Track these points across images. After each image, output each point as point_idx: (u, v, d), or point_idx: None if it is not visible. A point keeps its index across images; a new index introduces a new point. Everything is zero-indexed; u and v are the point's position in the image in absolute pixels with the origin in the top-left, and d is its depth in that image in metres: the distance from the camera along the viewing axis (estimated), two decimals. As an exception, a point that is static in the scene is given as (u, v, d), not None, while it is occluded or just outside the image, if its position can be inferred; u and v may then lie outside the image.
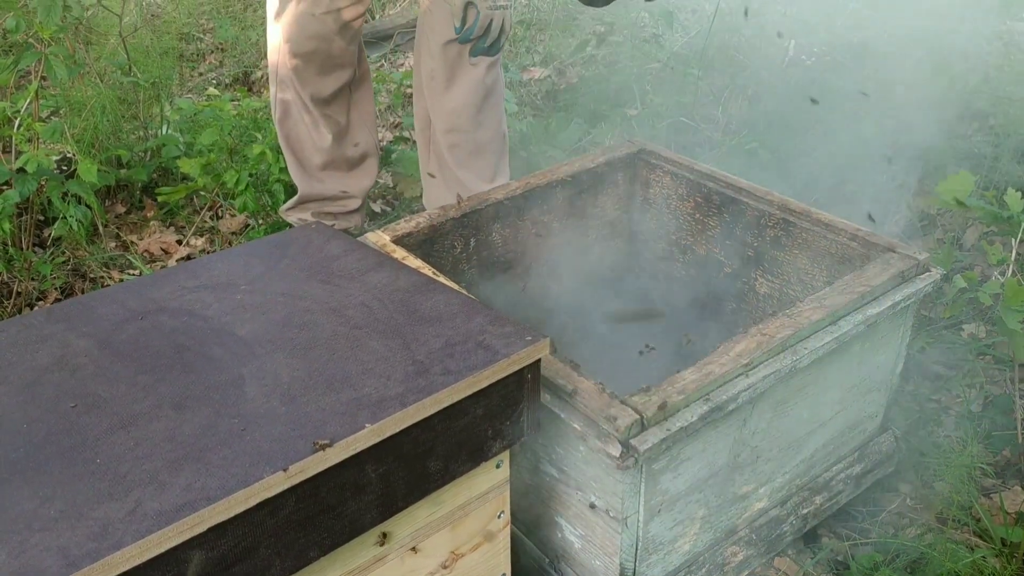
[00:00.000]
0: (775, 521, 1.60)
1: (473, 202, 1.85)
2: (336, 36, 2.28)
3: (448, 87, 2.29)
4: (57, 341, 1.21)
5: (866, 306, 1.52)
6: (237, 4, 4.55)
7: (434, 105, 2.34)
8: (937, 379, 2.09)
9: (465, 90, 2.29)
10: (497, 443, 1.22)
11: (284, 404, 1.07)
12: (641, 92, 3.24)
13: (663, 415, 1.27)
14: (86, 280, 2.57)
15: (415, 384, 1.10)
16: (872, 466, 1.76)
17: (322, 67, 2.33)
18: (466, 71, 2.28)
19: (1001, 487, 1.81)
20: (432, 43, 2.28)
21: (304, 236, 1.49)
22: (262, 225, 2.72)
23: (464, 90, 2.29)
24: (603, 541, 1.38)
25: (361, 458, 1.04)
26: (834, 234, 1.72)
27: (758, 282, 1.90)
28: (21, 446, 1.01)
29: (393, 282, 1.34)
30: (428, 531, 1.23)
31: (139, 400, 1.08)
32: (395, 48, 4.17)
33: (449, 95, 2.30)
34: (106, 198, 2.89)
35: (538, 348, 1.19)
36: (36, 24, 2.43)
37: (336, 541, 1.06)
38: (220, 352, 1.17)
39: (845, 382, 1.60)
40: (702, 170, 1.96)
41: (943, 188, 1.92)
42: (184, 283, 1.35)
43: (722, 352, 1.38)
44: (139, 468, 0.96)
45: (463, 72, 2.28)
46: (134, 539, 0.87)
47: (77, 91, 2.78)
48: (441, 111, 2.33)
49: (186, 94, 3.76)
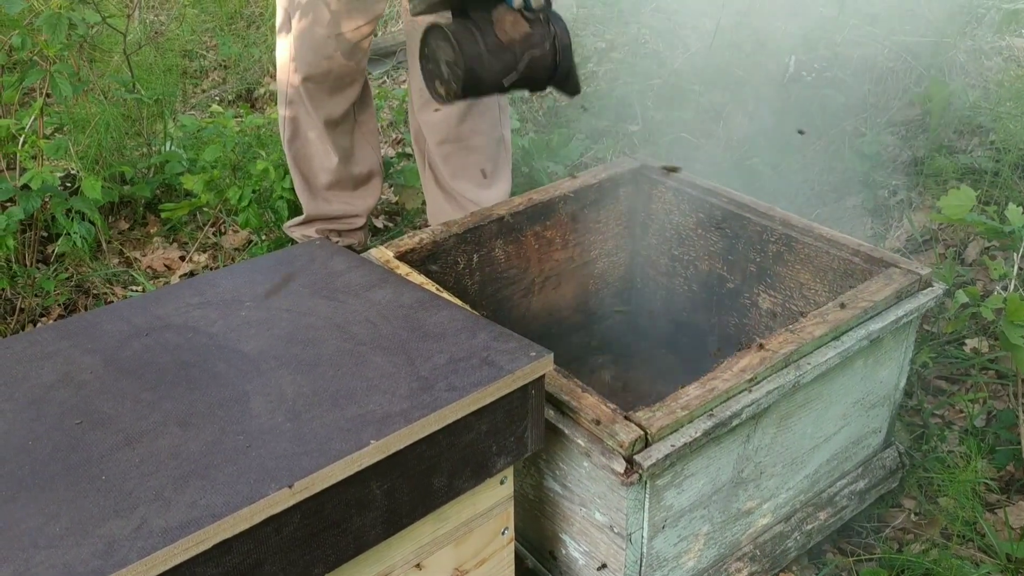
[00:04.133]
0: (779, 537, 1.60)
1: (476, 218, 1.86)
2: (348, 56, 2.28)
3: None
4: (62, 357, 1.22)
5: (869, 321, 1.52)
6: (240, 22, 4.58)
7: (424, 119, 2.36)
8: (940, 394, 2.09)
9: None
10: (501, 459, 1.22)
11: (289, 420, 1.07)
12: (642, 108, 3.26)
13: (667, 431, 1.27)
14: (89, 296, 2.57)
15: (420, 400, 1.10)
16: (876, 481, 1.75)
17: (333, 87, 2.34)
18: None
19: (1006, 502, 1.81)
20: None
21: (308, 252, 1.50)
22: (265, 241, 2.72)
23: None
24: (607, 557, 1.37)
25: (366, 474, 1.04)
26: (836, 249, 1.73)
27: (760, 297, 1.90)
28: (26, 463, 1.01)
29: (397, 298, 1.34)
30: (432, 548, 1.23)
31: (144, 417, 1.08)
32: (397, 65, 4.20)
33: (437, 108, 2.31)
34: (109, 214, 2.91)
35: (542, 364, 1.19)
36: (41, 42, 2.45)
37: (341, 557, 1.06)
38: (225, 368, 1.18)
39: (848, 397, 1.60)
40: (704, 186, 1.96)
41: (944, 203, 1.92)
42: (189, 299, 1.35)
43: (725, 368, 1.38)
44: (144, 485, 0.97)
45: None
46: (140, 556, 0.87)
47: (81, 108, 2.80)
48: (430, 123, 2.35)
49: (189, 111, 3.78)
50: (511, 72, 1.49)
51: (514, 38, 1.48)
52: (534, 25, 1.49)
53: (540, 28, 1.49)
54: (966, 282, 2.39)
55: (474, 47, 1.46)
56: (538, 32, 1.49)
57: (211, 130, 3.00)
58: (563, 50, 1.51)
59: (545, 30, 1.50)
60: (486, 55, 1.47)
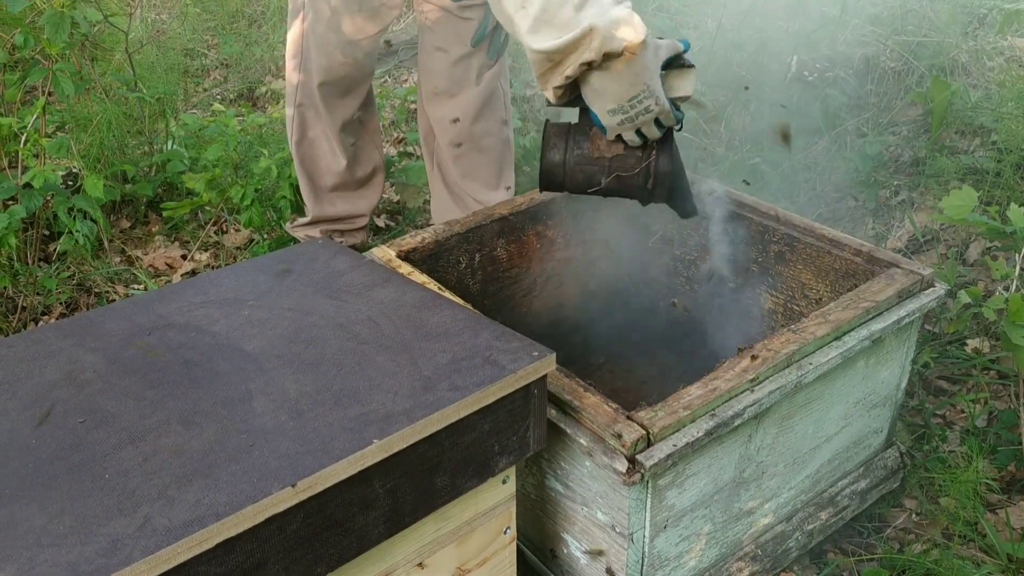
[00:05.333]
0: (781, 537, 1.60)
1: (478, 217, 1.86)
2: (362, 60, 2.28)
3: (449, 101, 2.31)
4: (65, 356, 1.22)
5: (871, 321, 1.52)
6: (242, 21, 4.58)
7: (436, 118, 2.36)
8: (942, 394, 2.09)
9: (466, 102, 2.31)
10: (504, 459, 1.22)
11: (292, 419, 1.07)
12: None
13: (669, 431, 1.27)
14: (91, 295, 2.57)
15: (422, 400, 1.10)
16: (877, 481, 1.75)
17: (346, 90, 2.33)
18: (469, 86, 2.30)
19: (1007, 503, 1.81)
20: (437, 61, 2.30)
21: (310, 252, 1.50)
22: (267, 240, 2.73)
23: (465, 102, 2.31)
24: (609, 557, 1.37)
25: (368, 474, 1.04)
26: (838, 249, 1.73)
27: (763, 297, 1.90)
28: (30, 462, 1.01)
29: (399, 297, 1.34)
30: (435, 547, 1.23)
31: (147, 416, 1.09)
32: (398, 64, 4.20)
33: (450, 108, 2.32)
34: (111, 213, 2.91)
35: (544, 364, 1.20)
36: (44, 40, 2.45)
37: (344, 556, 1.07)
38: (227, 367, 1.18)
39: (850, 397, 1.60)
40: (705, 185, 1.96)
41: (946, 204, 1.92)
42: (191, 298, 1.35)
43: (727, 368, 1.38)
44: (148, 484, 0.97)
45: (467, 87, 2.30)
46: (143, 555, 0.87)
47: (83, 107, 2.80)
48: (443, 123, 2.35)
49: (191, 110, 3.78)
50: (594, 185, 1.51)
51: (604, 155, 1.50)
52: (629, 148, 1.49)
53: (635, 151, 1.49)
54: (968, 282, 2.39)
55: (558, 154, 1.51)
56: (632, 155, 1.49)
57: (213, 129, 3.00)
58: (659, 176, 1.50)
59: (642, 154, 1.49)
60: (569, 164, 1.50)
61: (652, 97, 1.38)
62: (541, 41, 1.32)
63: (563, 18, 1.30)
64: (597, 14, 1.29)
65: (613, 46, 1.30)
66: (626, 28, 1.30)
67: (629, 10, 1.32)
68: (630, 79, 1.35)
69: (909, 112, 3.03)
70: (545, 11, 1.31)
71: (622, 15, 1.30)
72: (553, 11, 1.30)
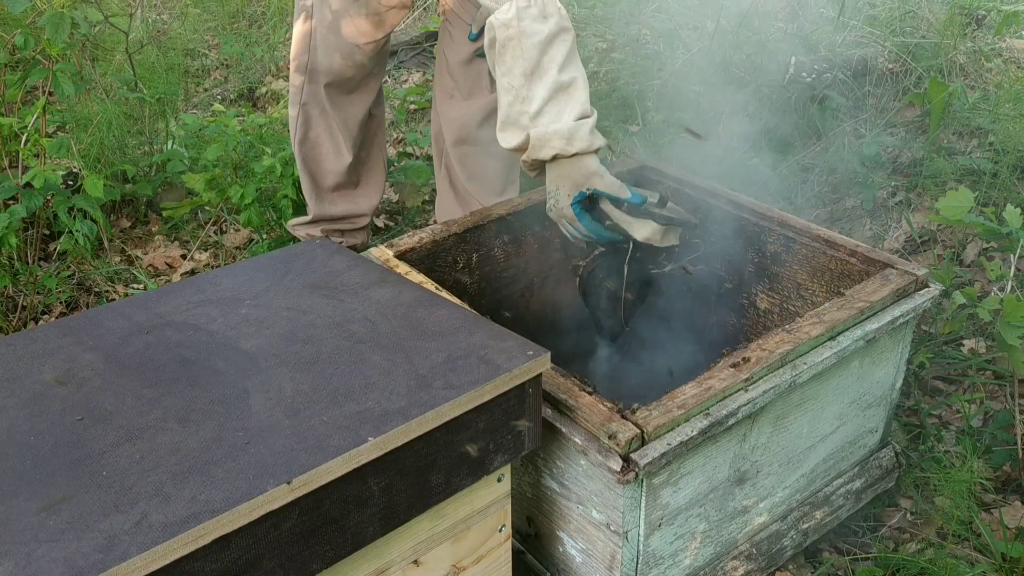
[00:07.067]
0: (776, 536, 1.61)
1: (475, 217, 1.87)
2: (364, 61, 2.29)
3: (462, 103, 2.32)
4: (64, 355, 1.23)
5: (865, 321, 1.53)
6: (242, 21, 4.59)
7: (448, 119, 2.37)
8: (937, 394, 2.10)
9: (477, 105, 2.32)
10: (499, 457, 1.23)
11: (288, 417, 1.08)
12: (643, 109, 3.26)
13: (663, 430, 1.28)
14: (91, 294, 2.58)
15: (418, 398, 1.11)
16: (872, 481, 1.76)
17: (352, 88, 2.34)
18: (484, 92, 2.31)
19: (1001, 502, 1.82)
20: (451, 61, 2.31)
21: (308, 251, 1.51)
22: (266, 240, 2.73)
23: (477, 106, 2.32)
24: (604, 555, 1.38)
25: (364, 471, 1.05)
26: (834, 250, 1.73)
27: (758, 297, 1.91)
28: (28, 458, 1.02)
29: (396, 297, 1.35)
30: (430, 544, 1.24)
31: (145, 413, 1.09)
32: (399, 64, 4.21)
33: (460, 109, 2.33)
34: (111, 213, 2.92)
35: (539, 363, 1.20)
36: (44, 41, 2.47)
37: (339, 553, 1.07)
38: (225, 366, 1.19)
39: (845, 397, 1.61)
40: (703, 186, 1.97)
41: (943, 204, 1.93)
42: (190, 297, 1.36)
43: (722, 367, 1.39)
44: (145, 480, 0.98)
45: (480, 91, 2.31)
46: (140, 551, 0.88)
47: (83, 107, 2.81)
48: (451, 123, 2.36)
49: (191, 110, 3.79)
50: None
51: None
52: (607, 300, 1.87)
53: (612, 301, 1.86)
54: (964, 283, 2.40)
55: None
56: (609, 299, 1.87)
57: (213, 129, 3.01)
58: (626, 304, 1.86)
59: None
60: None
61: (553, 199, 1.66)
62: (506, 140, 1.63)
63: (522, 123, 1.59)
64: (549, 121, 1.57)
65: (541, 155, 1.59)
66: (559, 140, 1.57)
67: (580, 123, 1.56)
68: (552, 178, 1.65)
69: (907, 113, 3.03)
70: (508, 115, 1.59)
71: (562, 129, 1.56)
72: (515, 116, 1.59)
